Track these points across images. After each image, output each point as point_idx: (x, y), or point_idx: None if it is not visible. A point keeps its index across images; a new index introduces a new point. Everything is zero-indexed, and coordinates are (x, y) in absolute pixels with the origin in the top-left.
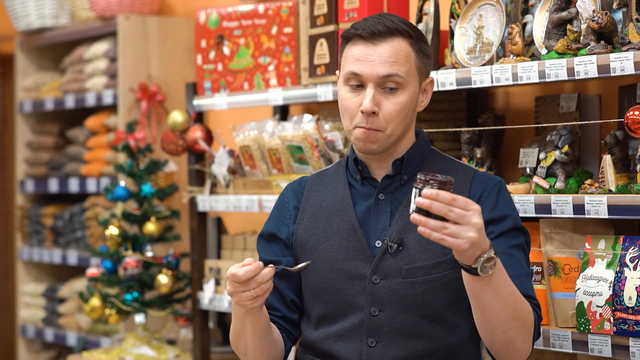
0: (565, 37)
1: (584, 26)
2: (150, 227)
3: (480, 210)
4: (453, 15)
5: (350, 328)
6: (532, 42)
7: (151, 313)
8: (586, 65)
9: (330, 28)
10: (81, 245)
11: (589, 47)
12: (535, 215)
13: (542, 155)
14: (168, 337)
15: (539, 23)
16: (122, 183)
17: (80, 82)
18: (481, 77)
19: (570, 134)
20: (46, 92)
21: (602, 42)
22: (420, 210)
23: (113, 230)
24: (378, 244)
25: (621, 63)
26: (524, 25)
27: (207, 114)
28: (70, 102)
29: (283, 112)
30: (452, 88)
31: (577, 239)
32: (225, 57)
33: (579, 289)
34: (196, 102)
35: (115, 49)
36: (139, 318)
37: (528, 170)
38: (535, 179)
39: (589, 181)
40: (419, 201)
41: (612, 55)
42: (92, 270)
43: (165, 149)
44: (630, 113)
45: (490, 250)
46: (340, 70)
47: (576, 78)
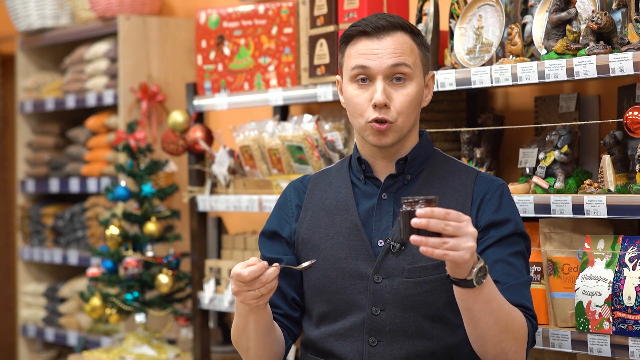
0: (565, 38)
1: (583, 26)
2: (151, 227)
3: (470, 219)
4: (453, 15)
5: (352, 327)
6: (532, 43)
7: (151, 313)
8: (585, 66)
9: (330, 28)
10: (82, 245)
11: (588, 48)
12: (534, 215)
13: (542, 155)
14: (168, 337)
15: (538, 23)
16: (123, 183)
17: (80, 83)
18: (481, 78)
19: (570, 134)
20: (47, 92)
21: (602, 43)
22: (417, 232)
23: (113, 230)
24: (380, 243)
25: (620, 63)
26: (524, 25)
27: (208, 114)
28: (70, 102)
29: (283, 112)
30: (452, 88)
31: (577, 238)
32: (226, 58)
33: (578, 288)
34: (196, 102)
35: (115, 50)
36: (140, 318)
37: (527, 170)
38: (535, 179)
39: (588, 181)
40: (416, 222)
41: (612, 56)
42: (93, 270)
43: (165, 149)
44: (630, 113)
45: (480, 259)
46: (343, 71)
47: (575, 78)
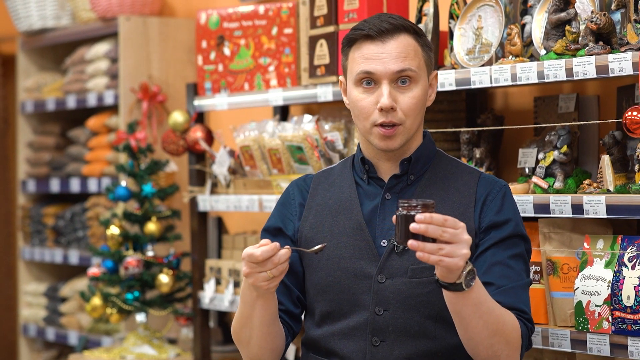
0: (564, 38)
1: (582, 27)
2: (151, 227)
3: (465, 227)
4: (452, 16)
5: (355, 327)
6: (531, 43)
7: (152, 312)
8: (585, 66)
9: (330, 29)
10: (82, 244)
11: (587, 48)
12: (534, 215)
13: (541, 156)
14: (169, 336)
15: (537, 24)
16: (123, 183)
17: (81, 83)
18: (480, 78)
19: (569, 134)
20: (48, 93)
21: (601, 43)
22: (414, 235)
23: (114, 230)
24: (384, 243)
25: (619, 64)
26: (523, 26)
27: (208, 115)
28: (71, 103)
29: (283, 113)
30: (452, 88)
31: (576, 238)
32: (226, 58)
33: (578, 288)
34: (197, 103)
35: (116, 50)
36: (140, 317)
37: (527, 170)
38: (534, 179)
39: (587, 181)
40: (414, 227)
41: (611, 56)
42: (93, 270)
43: (166, 149)
44: (629, 113)
45: (469, 263)
46: (347, 74)
47: (575, 78)
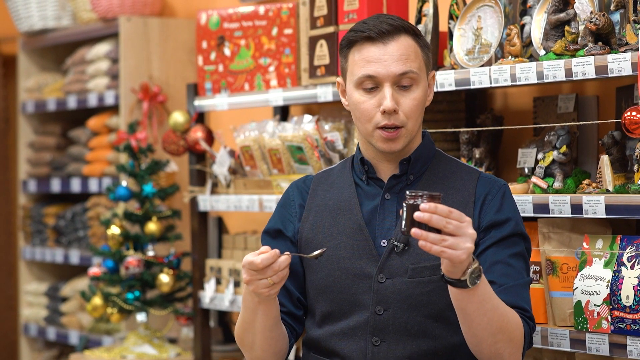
0: (563, 39)
1: (581, 27)
2: (152, 227)
3: (471, 221)
4: (452, 16)
5: (355, 326)
6: (531, 43)
7: (152, 312)
8: (584, 66)
9: (330, 29)
10: (83, 244)
11: (586, 48)
12: (533, 215)
13: (540, 156)
14: (169, 336)
15: (537, 24)
16: (124, 183)
17: (82, 83)
18: (480, 78)
19: (568, 134)
20: (48, 93)
21: (600, 43)
22: (419, 225)
23: (115, 230)
24: (384, 243)
25: (619, 64)
26: (522, 26)
27: (208, 115)
28: (72, 103)
29: (283, 113)
30: (451, 89)
31: (575, 238)
32: (226, 58)
33: (577, 288)
34: (197, 103)
35: (116, 50)
36: (141, 317)
37: (526, 170)
38: (534, 179)
39: (586, 181)
40: (418, 215)
41: (610, 57)
42: (94, 270)
43: (166, 149)
44: (628, 114)
45: (475, 260)
46: (347, 76)
47: (574, 79)
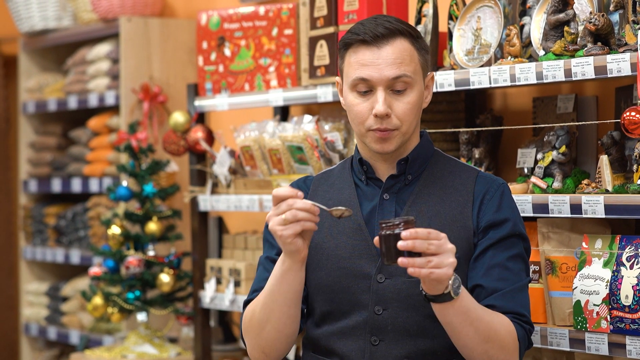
0: (563, 39)
1: (581, 28)
2: (152, 227)
3: (447, 236)
4: (451, 17)
5: (354, 326)
6: (530, 44)
7: (153, 312)
8: (583, 67)
9: (330, 30)
10: (84, 244)
11: (586, 49)
12: (532, 214)
13: (540, 156)
14: (170, 336)
15: (536, 25)
16: (124, 183)
17: (82, 83)
18: (479, 78)
19: (568, 134)
20: (49, 93)
21: (599, 44)
22: (401, 253)
23: (115, 230)
24: None
25: (618, 64)
26: (522, 27)
27: (209, 115)
28: (73, 103)
29: (283, 113)
30: (451, 89)
31: (575, 238)
32: (226, 59)
33: (576, 287)
34: (197, 103)
35: (117, 51)
36: (141, 316)
37: (526, 170)
38: (533, 179)
39: (586, 181)
40: (402, 244)
41: (609, 57)
42: (95, 269)
43: (166, 149)
44: (627, 114)
45: (453, 273)
46: (343, 77)
47: (573, 79)
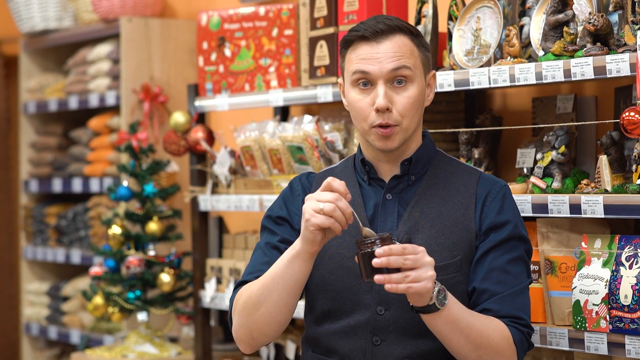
0: (562, 39)
1: (580, 28)
2: (153, 227)
3: (425, 250)
4: (451, 17)
5: (356, 325)
6: (529, 44)
7: (153, 311)
8: (582, 67)
9: (330, 30)
10: (84, 244)
11: (585, 49)
12: (532, 214)
13: (539, 156)
14: (170, 335)
15: (536, 25)
16: (125, 183)
17: (83, 84)
18: (479, 79)
19: (567, 134)
20: (50, 94)
21: (599, 44)
22: (379, 270)
23: (116, 230)
24: None
25: (617, 65)
26: (521, 27)
27: (209, 115)
28: (73, 103)
29: (283, 113)
30: (451, 89)
31: (574, 238)
32: (227, 59)
33: (576, 287)
34: (198, 103)
35: (118, 51)
36: (142, 316)
37: (525, 170)
38: (532, 179)
39: (585, 181)
40: (377, 262)
41: (608, 57)
42: (95, 269)
43: (167, 149)
44: (626, 114)
45: (437, 282)
46: (344, 75)
47: (573, 79)
